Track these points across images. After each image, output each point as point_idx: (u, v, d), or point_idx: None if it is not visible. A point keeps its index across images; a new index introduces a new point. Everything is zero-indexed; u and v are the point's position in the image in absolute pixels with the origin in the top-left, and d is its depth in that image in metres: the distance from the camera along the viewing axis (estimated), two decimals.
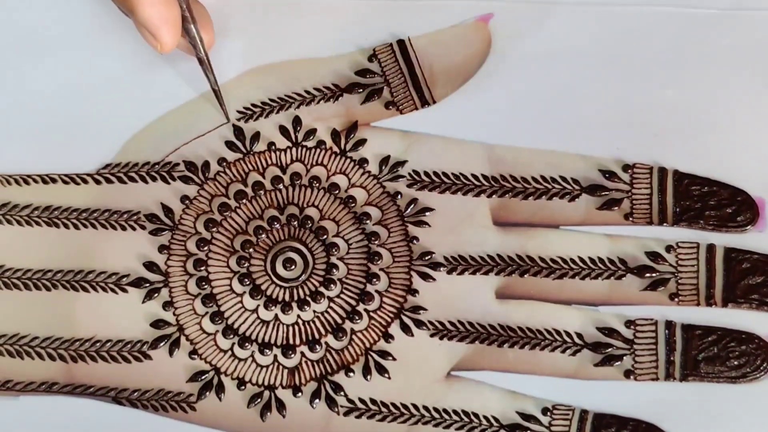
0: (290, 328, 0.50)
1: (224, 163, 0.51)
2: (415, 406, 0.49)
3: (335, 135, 0.51)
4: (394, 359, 0.49)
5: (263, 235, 0.50)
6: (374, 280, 0.50)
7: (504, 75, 0.52)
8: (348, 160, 0.51)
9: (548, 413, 0.48)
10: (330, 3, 0.53)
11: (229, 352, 0.49)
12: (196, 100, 0.52)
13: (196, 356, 0.49)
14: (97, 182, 0.51)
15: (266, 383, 0.49)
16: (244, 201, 0.50)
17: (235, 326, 0.50)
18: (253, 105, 0.52)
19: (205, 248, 0.50)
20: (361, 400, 0.49)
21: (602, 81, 0.51)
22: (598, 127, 0.51)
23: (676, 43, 0.52)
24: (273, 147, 0.51)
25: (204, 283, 0.50)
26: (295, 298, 0.50)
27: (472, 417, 0.48)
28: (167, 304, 0.50)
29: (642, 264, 0.49)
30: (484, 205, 0.50)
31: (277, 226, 0.50)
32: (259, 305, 0.50)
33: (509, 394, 0.49)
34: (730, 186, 0.50)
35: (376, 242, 0.50)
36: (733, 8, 0.52)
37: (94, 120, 0.52)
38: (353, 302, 0.50)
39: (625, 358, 0.48)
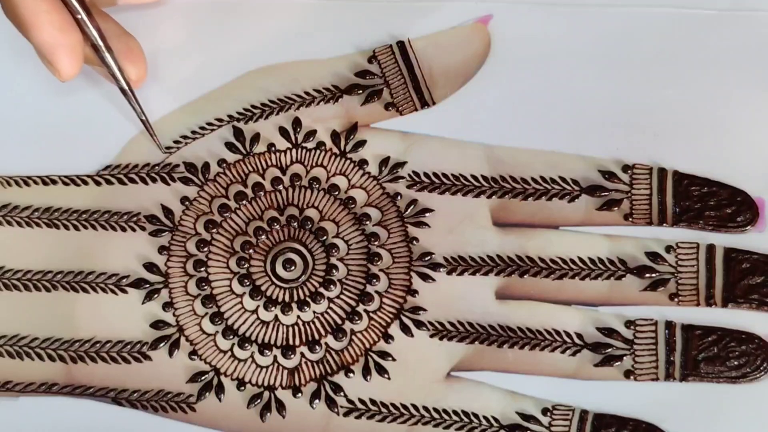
0: (290, 329, 0.50)
1: (224, 165, 0.51)
2: (415, 407, 0.48)
3: (335, 136, 0.51)
4: (393, 360, 0.49)
5: (263, 236, 0.50)
6: (374, 280, 0.50)
7: (503, 76, 0.52)
8: (348, 161, 0.51)
9: (548, 413, 0.48)
10: (330, 4, 0.53)
11: (229, 353, 0.49)
12: (196, 101, 0.52)
13: (195, 357, 0.49)
14: (97, 183, 0.51)
15: (266, 384, 0.49)
16: (244, 202, 0.51)
17: (235, 327, 0.50)
18: (253, 106, 0.52)
19: (205, 249, 0.50)
20: (361, 401, 0.49)
21: (602, 81, 0.51)
22: (598, 128, 0.51)
23: (676, 43, 0.52)
24: (273, 148, 0.51)
25: (204, 284, 0.50)
26: (295, 298, 0.50)
27: (472, 417, 0.48)
28: (167, 305, 0.50)
29: (642, 264, 0.49)
30: (484, 205, 0.50)
31: (277, 227, 0.50)
32: (258, 306, 0.50)
33: (509, 394, 0.49)
34: (730, 186, 0.50)
35: (376, 243, 0.50)
36: (732, 9, 0.52)
37: (94, 121, 0.52)
38: (353, 303, 0.50)
39: (625, 358, 0.48)
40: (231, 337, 0.49)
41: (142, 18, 0.51)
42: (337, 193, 0.51)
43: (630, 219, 0.50)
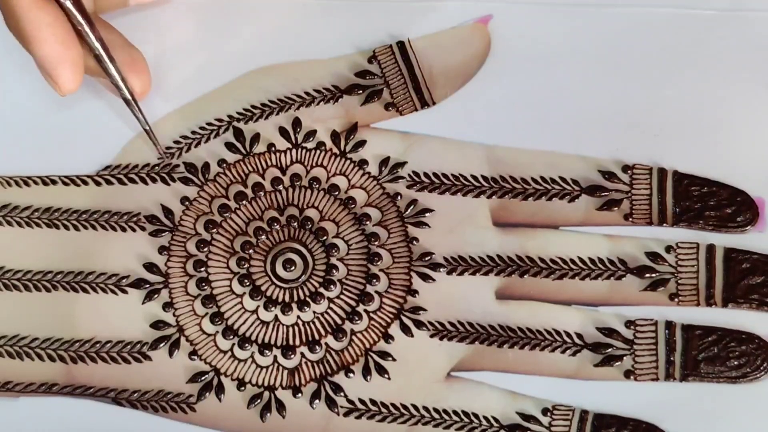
0: (290, 329, 0.50)
1: (224, 165, 0.51)
2: (415, 407, 0.48)
3: (335, 136, 0.51)
4: (394, 360, 0.49)
5: (263, 236, 0.50)
6: (374, 280, 0.50)
7: (503, 76, 0.52)
8: (348, 162, 0.51)
9: (548, 413, 0.48)
10: (330, 4, 0.53)
11: (229, 353, 0.49)
12: (195, 101, 0.52)
13: (195, 357, 0.49)
14: (97, 184, 0.51)
15: (266, 384, 0.49)
16: (244, 202, 0.51)
17: (235, 327, 0.50)
18: (253, 106, 0.52)
19: (205, 249, 0.50)
20: (361, 401, 0.49)
21: (602, 81, 0.51)
22: (598, 128, 0.51)
23: (676, 43, 0.52)
24: (273, 148, 0.51)
25: (204, 284, 0.50)
26: (295, 299, 0.50)
27: (472, 417, 0.48)
28: (167, 305, 0.50)
29: (642, 264, 0.49)
30: (484, 205, 0.50)
31: (277, 227, 0.50)
32: (258, 306, 0.50)
33: (509, 394, 0.49)
34: (730, 186, 0.50)
35: (376, 243, 0.50)
36: (732, 9, 0.52)
37: (95, 122, 0.52)
38: (353, 303, 0.50)
39: (625, 358, 0.48)
40: (231, 337, 0.49)
41: (142, 19, 0.51)
42: (337, 193, 0.51)
43: (630, 219, 0.50)
